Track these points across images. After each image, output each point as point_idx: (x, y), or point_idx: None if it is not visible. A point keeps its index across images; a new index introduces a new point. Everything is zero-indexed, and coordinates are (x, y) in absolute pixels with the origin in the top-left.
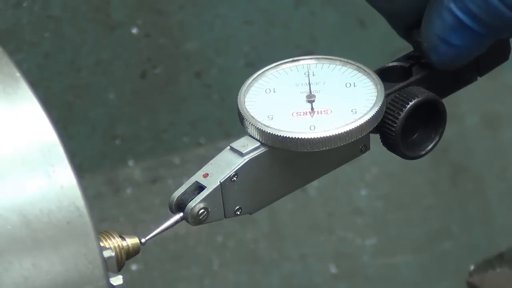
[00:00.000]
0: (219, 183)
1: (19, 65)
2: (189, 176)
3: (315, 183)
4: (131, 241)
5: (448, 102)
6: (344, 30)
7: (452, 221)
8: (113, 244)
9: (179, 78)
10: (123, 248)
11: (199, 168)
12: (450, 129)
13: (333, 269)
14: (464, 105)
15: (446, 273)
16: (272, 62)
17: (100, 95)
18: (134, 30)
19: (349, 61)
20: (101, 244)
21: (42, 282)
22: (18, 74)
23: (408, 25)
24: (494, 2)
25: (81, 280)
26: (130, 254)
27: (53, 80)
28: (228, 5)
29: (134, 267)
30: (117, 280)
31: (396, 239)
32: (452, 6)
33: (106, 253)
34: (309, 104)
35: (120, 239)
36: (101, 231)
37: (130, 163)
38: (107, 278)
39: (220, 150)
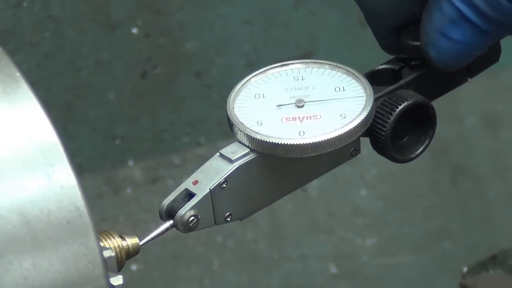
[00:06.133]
0: (208, 190)
1: (19, 65)
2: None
3: (315, 183)
4: (131, 241)
5: (448, 102)
6: (344, 30)
7: (452, 221)
8: (113, 244)
9: (179, 78)
10: (123, 248)
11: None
12: (450, 129)
13: (333, 269)
14: (464, 105)
15: (446, 273)
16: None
17: (100, 95)
18: (134, 30)
19: (338, 64)
20: (101, 244)
21: (42, 282)
22: (18, 74)
23: (387, 25)
24: None
25: (81, 280)
26: (130, 254)
27: (53, 80)
28: (228, 5)
29: (134, 267)
30: (117, 280)
31: (396, 239)
32: None
33: (106, 253)
34: (298, 109)
35: (120, 239)
36: (101, 231)
37: (130, 163)
38: (107, 278)
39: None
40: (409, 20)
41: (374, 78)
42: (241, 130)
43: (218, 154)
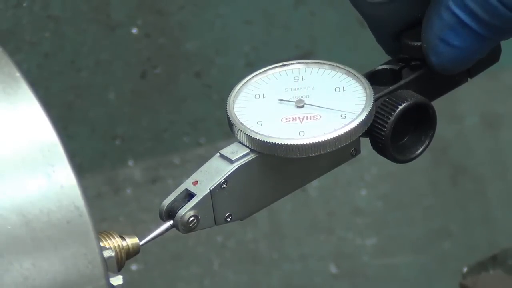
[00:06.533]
0: (209, 191)
1: (19, 65)
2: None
3: (315, 183)
4: (131, 241)
5: (448, 102)
6: (344, 30)
7: (452, 221)
8: (113, 244)
9: (179, 78)
10: (123, 248)
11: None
12: (450, 129)
13: (333, 269)
14: (464, 105)
15: (446, 273)
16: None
17: (100, 95)
18: (134, 30)
19: (338, 65)
20: (101, 244)
21: (42, 282)
22: (18, 74)
23: (389, 32)
24: (492, 0)
25: (81, 280)
26: (130, 254)
27: (53, 80)
28: (228, 5)
29: (134, 267)
30: (117, 280)
31: (396, 239)
32: (451, 4)
33: (106, 253)
34: (299, 110)
35: (120, 239)
36: (101, 231)
37: (130, 163)
38: (107, 278)
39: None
40: (411, 25)
41: (374, 78)
42: (241, 131)
43: (218, 154)
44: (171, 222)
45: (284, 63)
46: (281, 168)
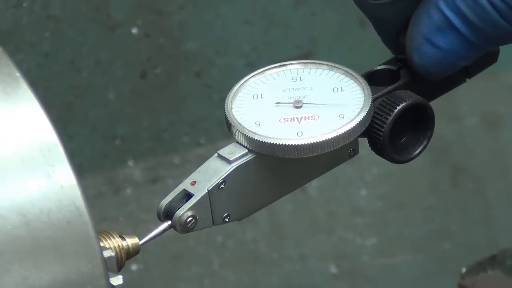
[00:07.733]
0: (207, 191)
1: (19, 65)
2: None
3: (315, 182)
4: (131, 241)
5: (448, 102)
6: (344, 30)
7: (452, 221)
8: (113, 244)
9: (179, 78)
10: (123, 248)
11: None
12: (450, 129)
13: (333, 269)
14: (464, 105)
15: (446, 273)
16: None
17: (100, 95)
18: (134, 30)
19: (336, 65)
20: (101, 244)
21: (42, 282)
22: (18, 74)
23: (394, 32)
24: (483, 3)
25: (81, 280)
26: (130, 254)
27: (53, 80)
28: (228, 5)
29: (134, 267)
30: (117, 280)
31: (396, 239)
32: (441, 4)
33: (106, 253)
34: (297, 110)
35: (120, 239)
36: (101, 231)
37: (130, 163)
38: (107, 278)
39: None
40: None
41: (372, 79)
42: (239, 131)
43: (216, 154)
44: (169, 222)
45: (282, 63)
46: (279, 169)
